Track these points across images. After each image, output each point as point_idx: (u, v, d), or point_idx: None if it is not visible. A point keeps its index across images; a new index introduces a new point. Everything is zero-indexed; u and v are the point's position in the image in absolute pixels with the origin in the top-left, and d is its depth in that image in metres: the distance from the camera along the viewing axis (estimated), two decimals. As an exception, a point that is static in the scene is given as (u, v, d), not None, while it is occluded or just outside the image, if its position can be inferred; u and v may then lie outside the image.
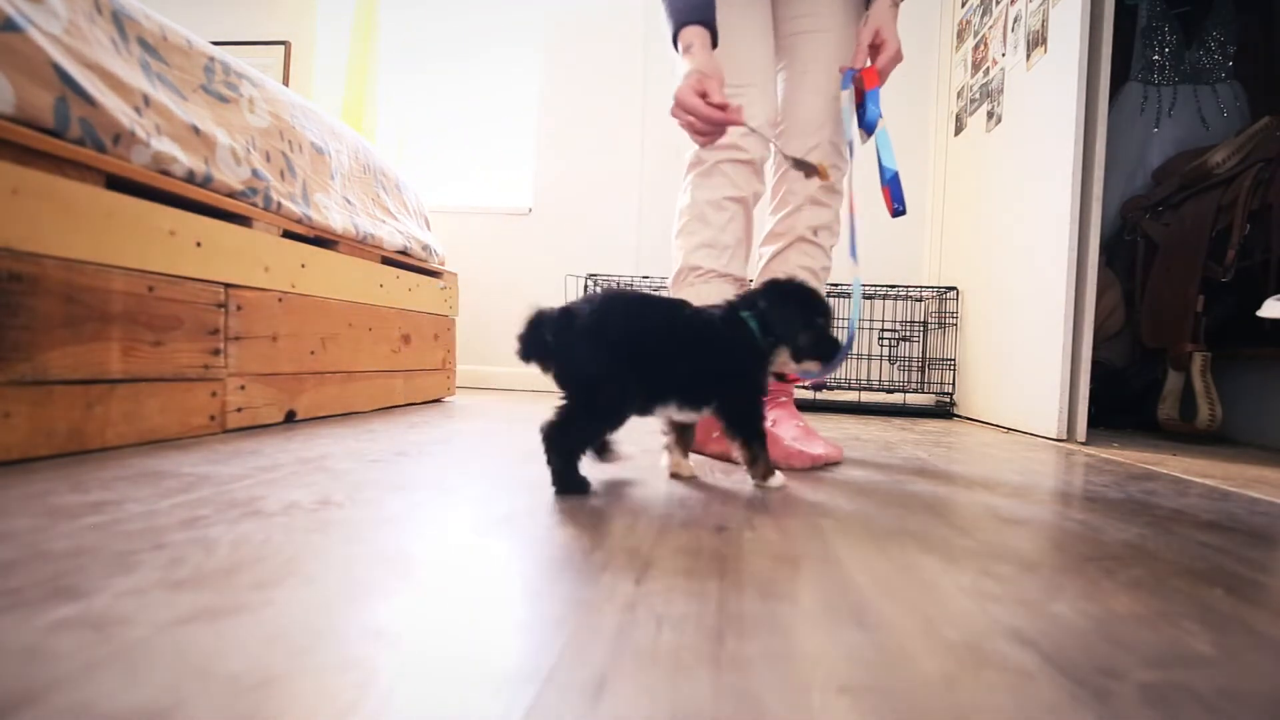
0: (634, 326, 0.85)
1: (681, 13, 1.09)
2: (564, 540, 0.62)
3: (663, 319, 0.88)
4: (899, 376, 2.62)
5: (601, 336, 0.82)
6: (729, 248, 1.23)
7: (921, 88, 2.73)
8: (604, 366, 0.81)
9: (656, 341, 0.86)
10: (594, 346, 0.82)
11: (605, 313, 0.83)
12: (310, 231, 1.46)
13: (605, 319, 0.83)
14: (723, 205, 1.22)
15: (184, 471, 0.83)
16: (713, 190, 1.22)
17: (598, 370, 0.82)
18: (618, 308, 0.85)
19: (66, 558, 0.50)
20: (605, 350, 0.82)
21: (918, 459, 1.28)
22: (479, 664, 0.37)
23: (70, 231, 0.89)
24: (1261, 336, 1.79)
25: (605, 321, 0.83)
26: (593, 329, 0.82)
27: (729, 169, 1.22)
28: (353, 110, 2.86)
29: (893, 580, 0.55)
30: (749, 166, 1.23)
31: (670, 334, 0.87)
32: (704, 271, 1.22)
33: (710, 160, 1.23)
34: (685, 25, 1.08)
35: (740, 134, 1.21)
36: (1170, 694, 0.37)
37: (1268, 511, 0.91)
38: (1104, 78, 1.65)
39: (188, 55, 1.20)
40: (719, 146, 1.22)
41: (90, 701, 0.31)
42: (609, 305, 0.84)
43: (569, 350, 0.82)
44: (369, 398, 1.68)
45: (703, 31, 1.08)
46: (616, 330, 0.83)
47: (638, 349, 0.83)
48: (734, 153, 1.21)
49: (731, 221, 1.23)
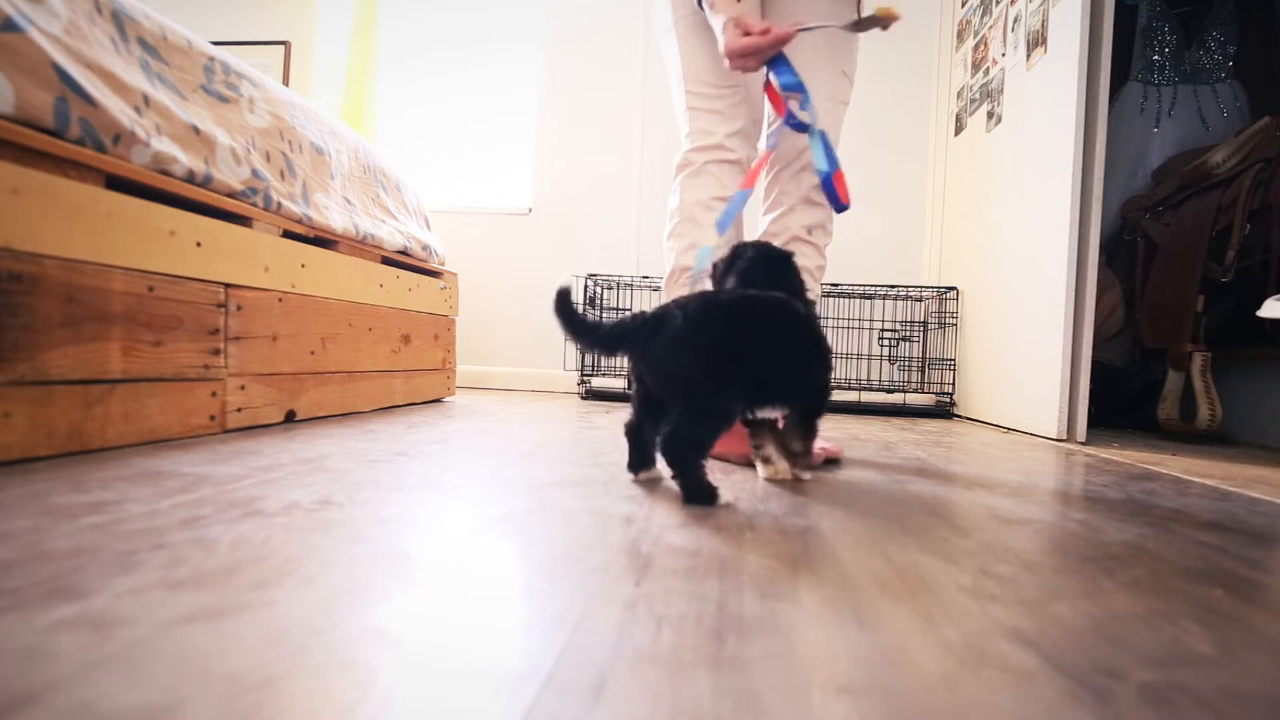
0: (733, 327, 0.83)
1: None
2: (564, 540, 0.62)
3: (763, 316, 0.87)
4: (899, 376, 2.62)
5: (700, 340, 0.81)
6: (719, 248, 1.24)
7: (921, 88, 2.73)
8: (707, 370, 0.80)
9: (758, 339, 0.84)
10: (694, 351, 0.80)
11: (703, 316, 0.82)
12: (310, 231, 1.46)
13: (703, 322, 0.81)
14: (711, 205, 1.24)
15: (184, 471, 0.83)
16: (701, 191, 1.24)
17: (701, 374, 0.80)
18: (715, 308, 0.84)
19: (66, 558, 0.50)
20: (707, 354, 0.80)
21: (918, 459, 1.28)
22: (479, 664, 0.37)
23: (70, 231, 0.89)
24: (1261, 336, 1.79)
25: (703, 325, 0.81)
26: (690, 333, 0.80)
27: (716, 170, 1.24)
28: (353, 110, 2.86)
29: (893, 580, 0.55)
30: (736, 166, 1.25)
31: (770, 331, 0.86)
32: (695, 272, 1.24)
33: (698, 162, 1.25)
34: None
35: (726, 135, 1.23)
36: (1170, 694, 0.37)
37: (1268, 511, 0.91)
38: (1104, 78, 1.65)
39: (188, 55, 1.20)
40: (705, 148, 1.24)
41: (90, 701, 0.31)
42: (706, 307, 0.83)
43: (668, 356, 0.81)
44: (369, 398, 1.68)
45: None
46: (715, 333, 0.82)
47: (739, 349, 0.82)
48: (721, 154, 1.23)
49: None
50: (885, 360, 2.63)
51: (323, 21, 2.94)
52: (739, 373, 0.82)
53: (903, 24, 1.27)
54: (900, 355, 2.62)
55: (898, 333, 2.61)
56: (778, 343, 0.86)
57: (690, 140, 1.27)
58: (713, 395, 0.80)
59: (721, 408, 0.82)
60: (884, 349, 2.62)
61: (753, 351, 0.83)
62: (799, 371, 0.89)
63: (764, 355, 0.84)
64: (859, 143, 2.65)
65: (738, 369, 0.82)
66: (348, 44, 2.88)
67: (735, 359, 0.81)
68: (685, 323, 0.81)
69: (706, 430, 0.81)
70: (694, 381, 0.80)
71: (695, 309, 0.82)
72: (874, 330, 2.60)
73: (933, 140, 2.73)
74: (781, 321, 0.88)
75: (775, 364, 0.86)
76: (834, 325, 2.60)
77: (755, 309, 0.87)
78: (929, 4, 2.69)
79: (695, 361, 0.80)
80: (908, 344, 2.62)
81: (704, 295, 0.86)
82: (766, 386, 0.86)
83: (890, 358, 2.63)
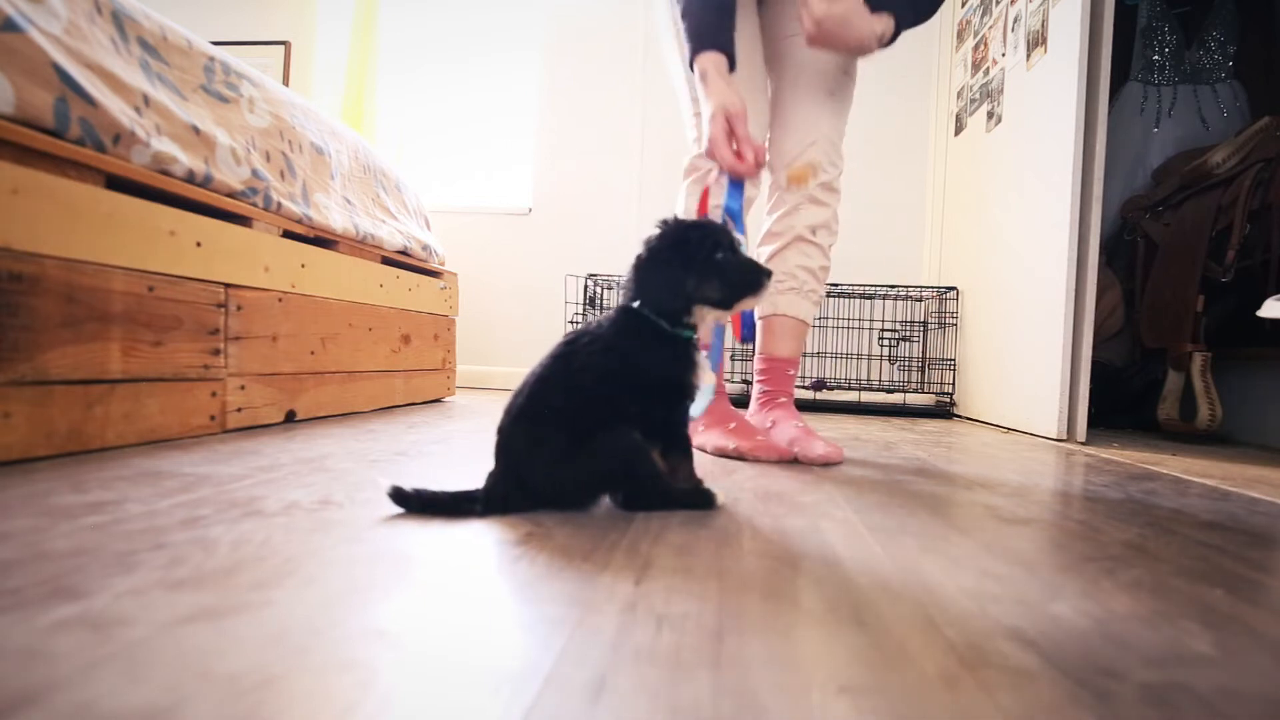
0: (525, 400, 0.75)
1: (698, 39, 1.09)
2: (564, 540, 0.62)
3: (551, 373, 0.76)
4: (899, 376, 2.62)
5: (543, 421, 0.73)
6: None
7: (921, 88, 2.73)
8: (583, 455, 0.73)
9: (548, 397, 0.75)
10: (560, 454, 0.73)
11: (527, 421, 0.74)
12: (310, 231, 1.46)
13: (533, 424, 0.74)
14: (714, 211, 1.24)
15: (184, 471, 0.83)
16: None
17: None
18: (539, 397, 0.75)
19: (66, 558, 0.50)
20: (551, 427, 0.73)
21: (918, 459, 1.28)
22: (479, 664, 0.37)
23: (70, 231, 0.89)
24: (1261, 336, 1.79)
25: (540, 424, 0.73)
26: (537, 445, 0.73)
27: (722, 177, 1.24)
28: (353, 110, 2.86)
29: (893, 580, 0.55)
30: None
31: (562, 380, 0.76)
32: None
33: (703, 169, 1.26)
34: (700, 52, 1.08)
35: None
36: (1170, 694, 0.37)
37: (1268, 511, 0.91)
38: (1104, 78, 1.65)
39: (188, 55, 1.20)
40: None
41: (90, 701, 0.31)
42: (506, 420, 0.75)
43: (550, 483, 0.74)
44: (369, 398, 1.68)
45: (719, 58, 1.08)
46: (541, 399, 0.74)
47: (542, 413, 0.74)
48: None
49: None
50: (885, 360, 2.63)
51: (323, 21, 2.94)
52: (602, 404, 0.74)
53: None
54: (900, 355, 2.62)
55: (898, 333, 2.61)
56: (605, 380, 0.75)
57: (697, 145, 1.28)
58: (611, 456, 0.73)
59: (628, 449, 0.74)
60: (884, 349, 2.62)
61: (591, 403, 0.75)
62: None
63: (604, 400, 0.75)
64: (859, 142, 2.64)
65: (594, 422, 0.73)
66: (348, 44, 2.88)
67: (585, 419, 0.73)
68: (522, 448, 0.73)
69: (642, 473, 0.74)
70: (589, 473, 0.73)
71: (507, 433, 0.74)
72: (874, 330, 2.60)
73: (933, 140, 2.73)
74: (596, 359, 0.76)
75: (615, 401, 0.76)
76: (834, 325, 2.61)
77: (572, 362, 0.77)
78: (929, 4, 2.69)
79: (569, 465, 0.73)
80: (908, 344, 2.62)
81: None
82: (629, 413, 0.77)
83: (890, 358, 2.63)
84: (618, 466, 0.74)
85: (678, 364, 0.80)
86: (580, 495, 0.75)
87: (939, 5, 1.19)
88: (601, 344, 0.77)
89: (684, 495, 0.77)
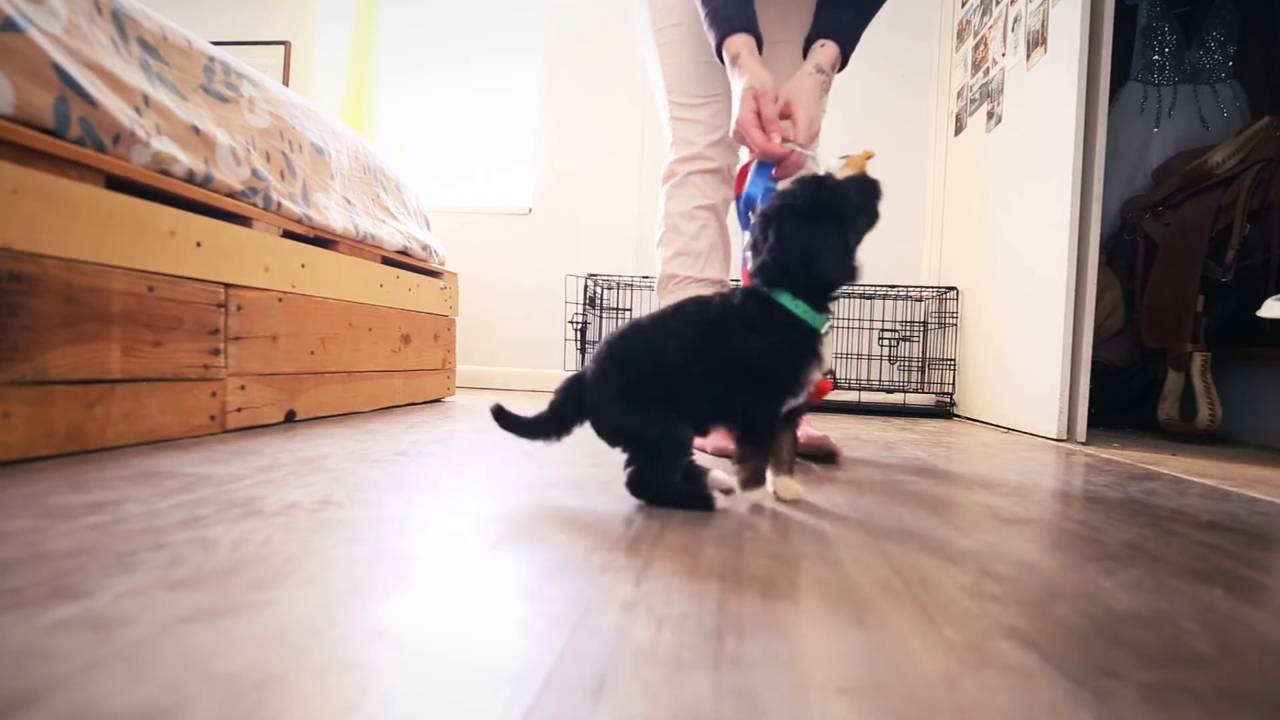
0: (645, 355, 0.76)
1: (726, 22, 1.09)
2: (564, 540, 0.62)
3: (676, 329, 0.77)
4: (899, 376, 2.62)
5: (612, 385, 0.76)
6: (703, 254, 1.29)
7: (921, 88, 2.73)
8: (635, 413, 0.75)
9: (672, 357, 0.76)
10: (619, 396, 0.75)
11: (613, 356, 0.77)
12: (310, 231, 1.45)
13: (610, 365, 0.77)
14: (693, 215, 1.28)
15: (184, 471, 0.83)
16: (684, 201, 1.29)
17: (627, 415, 0.75)
18: (617, 344, 0.78)
19: (66, 558, 0.50)
20: (622, 395, 0.75)
21: (918, 459, 1.28)
22: (479, 664, 0.37)
23: (70, 231, 0.89)
24: (1261, 336, 1.79)
25: (611, 368, 0.76)
26: (607, 377, 0.76)
27: (698, 179, 1.28)
28: (353, 110, 2.86)
29: (893, 580, 0.55)
30: (717, 175, 1.29)
31: (684, 345, 0.76)
32: (681, 279, 1.29)
33: (681, 173, 1.29)
34: (730, 35, 1.09)
35: (706, 144, 1.25)
36: (1170, 694, 0.37)
37: (1268, 511, 0.91)
38: (1104, 78, 1.65)
39: (188, 55, 1.20)
40: (687, 158, 1.25)
41: (90, 701, 0.31)
42: (616, 344, 0.78)
43: (596, 412, 0.77)
44: (369, 398, 1.68)
45: (748, 39, 1.08)
46: (626, 369, 0.76)
47: (656, 374, 0.75)
48: (702, 163, 1.26)
49: (703, 229, 1.29)
50: (885, 360, 2.63)
51: (323, 21, 2.94)
52: (667, 397, 0.74)
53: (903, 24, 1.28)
54: (900, 355, 2.62)
55: (898, 333, 2.61)
56: (694, 357, 0.75)
57: (674, 150, 1.29)
58: (653, 431, 0.74)
59: (671, 439, 0.75)
60: (884, 349, 2.62)
61: (670, 372, 0.75)
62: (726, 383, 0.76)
63: (685, 374, 0.75)
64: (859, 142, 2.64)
65: (664, 392, 0.74)
66: (348, 44, 2.88)
67: (655, 385, 0.74)
68: (597, 371, 0.76)
69: (663, 463, 0.75)
70: (627, 427, 0.76)
71: (600, 353, 0.78)
72: (874, 330, 2.60)
73: (933, 140, 2.73)
74: (691, 331, 0.76)
75: (698, 380, 0.75)
76: (834, 325, 2.59)
77: (668, 325, 0.78)
78: (929, 4, 2.69)
79: (620, 409, 0.75)
80: (908, 344, 2.62)
81: (609, 339, 0.79)
82: (700, 405, 0.77)
83: (890, 358, 2.63)
84: (652, 444, 0.75)
85: (796, 358, 0.74)
86: (610, 439, 0.79)
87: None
88: (708, 315, 0.76)
89: (685, 497, 0.77)
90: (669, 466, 0.76)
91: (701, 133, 1.26)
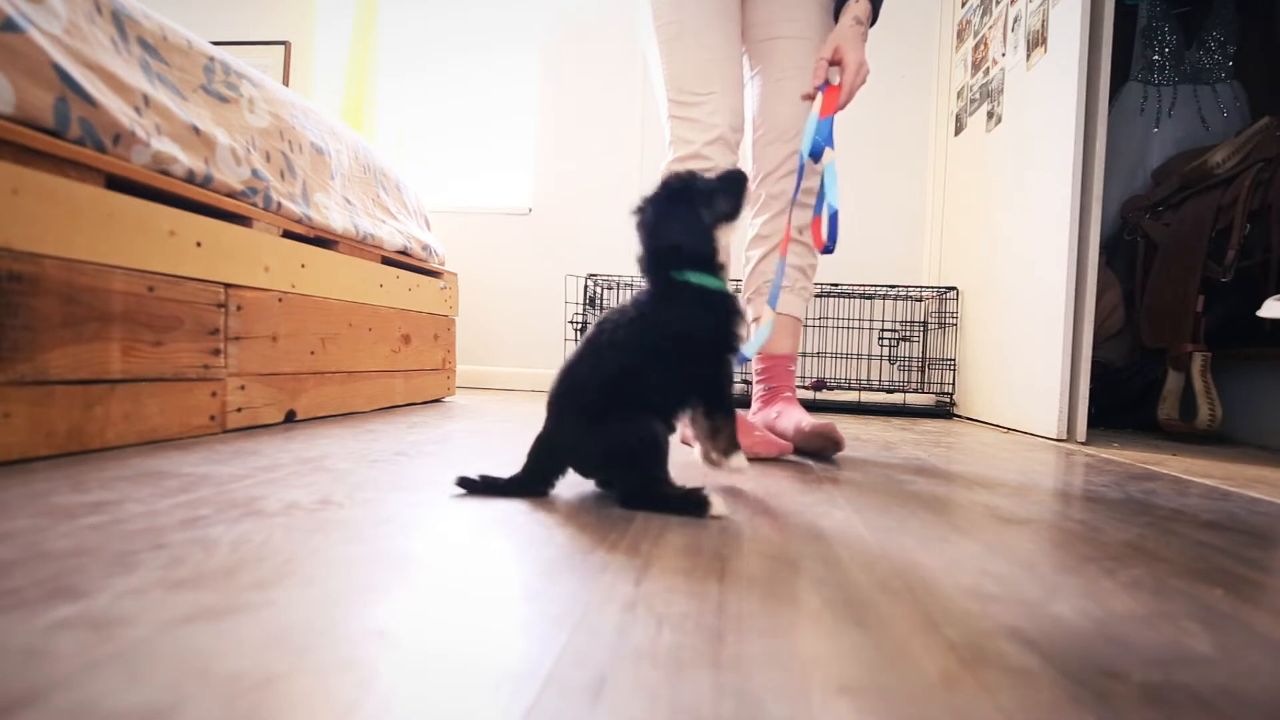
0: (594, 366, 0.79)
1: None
2: (564, 540, 0.62)
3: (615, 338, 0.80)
4: (899, 376, 2.62)
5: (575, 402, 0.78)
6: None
7: (921, 88, 2.73)
8: (601, 425, 0.77)
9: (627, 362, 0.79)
10: (580, 419, 0.77)
11: (561, 396, 0.80)
12: (310, 231, 1.45)
13: (569, 397, 0.79)
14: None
15: (184, 471, 0.83)
16: None
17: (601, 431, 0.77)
18: (575, 372, 0.80)
19: (66, 558, 0.50)
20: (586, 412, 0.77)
21: (918, 459, 1.28)
22: (479, 664, 0.37)
23: (70, 231, 0.89)
24: (1261, 336, 1.79)
25: (572, 395, 0.79)
26: (562, 413, 0.78)
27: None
28: (353, 110, 2.86)
29: (893, 580, 0.55)
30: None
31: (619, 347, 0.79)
32: None
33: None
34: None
35: (704, 144, 1.25)
36: (1170, 694, 0.37)
37: (1268, 511, 0.91)
38: (1104, 78, 1.65)
39: (188, 55, 1.19)
40: (685, 158, 1.25)
41: (90, 701, 0.31)
42: (560, 385, 0.80)
43: (568, 448, 0.79)
44: (369, 398, 1.68)
45: None
46: (584, 390, 0.78)
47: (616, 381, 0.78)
48: (699, 162, 1.26)
49: None
50: (885, 360, 2.63)
51: (323, 21, 2.94)
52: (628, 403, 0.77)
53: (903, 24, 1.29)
54: (900, 355, 2.62)
55: (898, 333, 2.61)
56: (637, 355, 0.79)
57: (672, 150, 1.29)
58: (625, 431, 0.76)
59: (644, 431, 0.77)
60: (884, 349, 2.62)
61: (620, 379, 0.78)
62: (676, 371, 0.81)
63: (634, 374, 0.78)
64: (860, 142, 2.65)
65: (623, 399, 0.77)
66: (348, 44, 2.88)
67: (612, 396, 0.77)
68: (551, 416, 0.79)
69: (646, 467, 0.76)
70: (599, 441, 0.77)
71: (549, 403, 0.80)
72: (874, 330, 2.60)
73: (933, 140, 2.73)
74: (622, 335, 0.80)
75: (648, 374, 0.78)
76: (834, 325, 2.61)
77: (600, 340, 0.80)
78: (929, 4, 2.69)
79: (586, 429, 0.77)
80: (908, 344, 2.62)
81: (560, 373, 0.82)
82: (659, 398, 0.80)
83: (890, 358, 2.63)
84: (628, 448, 0.76)
85: (717, 319, 0.82)
86: (592, 468, 0.80)
87: None
88: (629, 315, 0.81)
89: (679, 501, 0.77)
90: (654, 463, 0.77)
91: (699, 131, 1.26)
